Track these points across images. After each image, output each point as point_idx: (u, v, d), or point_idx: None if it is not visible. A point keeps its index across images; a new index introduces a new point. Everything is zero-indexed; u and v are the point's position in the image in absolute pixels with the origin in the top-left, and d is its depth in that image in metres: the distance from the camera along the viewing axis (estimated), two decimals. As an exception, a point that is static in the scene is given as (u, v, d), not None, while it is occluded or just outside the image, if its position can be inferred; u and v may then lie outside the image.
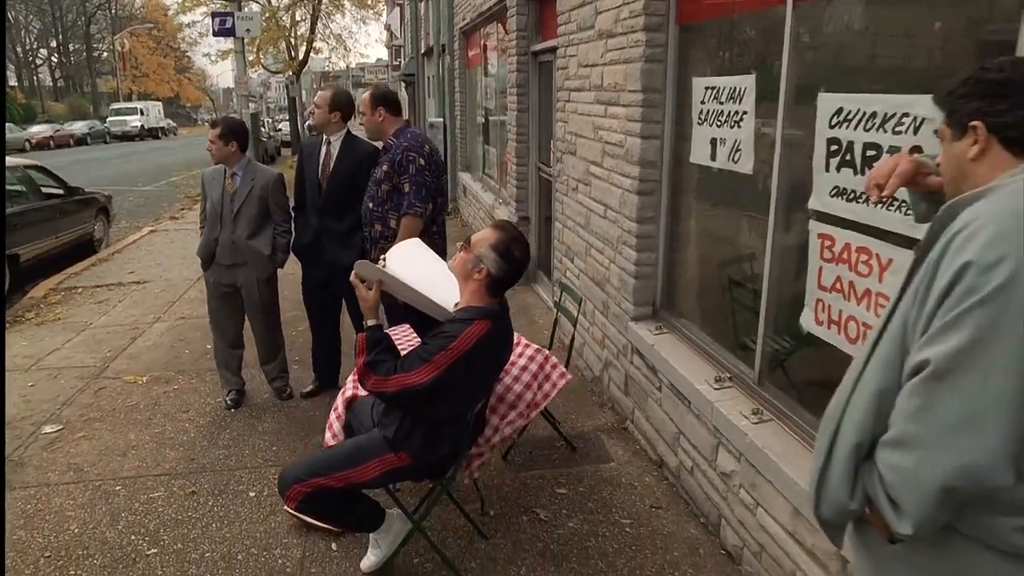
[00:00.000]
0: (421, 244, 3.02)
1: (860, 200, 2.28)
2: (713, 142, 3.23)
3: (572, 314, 3.95)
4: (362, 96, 4.04)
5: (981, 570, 1.30)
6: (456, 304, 2.59)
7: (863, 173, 2.25)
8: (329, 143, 4.22)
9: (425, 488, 3.19)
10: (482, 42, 9.60)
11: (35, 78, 56.51)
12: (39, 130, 34.51)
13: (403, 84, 28.20)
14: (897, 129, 2.11)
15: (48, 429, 4.23)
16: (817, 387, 2.72)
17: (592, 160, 4.46)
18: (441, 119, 11.83)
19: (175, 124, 54.97)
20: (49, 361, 5.41)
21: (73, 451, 3.95)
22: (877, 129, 2.19)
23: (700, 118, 3.35)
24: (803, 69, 2.64)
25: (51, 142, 33.79)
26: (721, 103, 3.14)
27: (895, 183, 1.52)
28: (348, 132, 4.27)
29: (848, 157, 2.32)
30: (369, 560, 2.84)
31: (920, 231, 1.51)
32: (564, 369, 3.36)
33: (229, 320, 4.38)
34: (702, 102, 3.31)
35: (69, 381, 4.98)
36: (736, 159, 3.05)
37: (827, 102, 2.40)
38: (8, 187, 7.91)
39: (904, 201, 2.03)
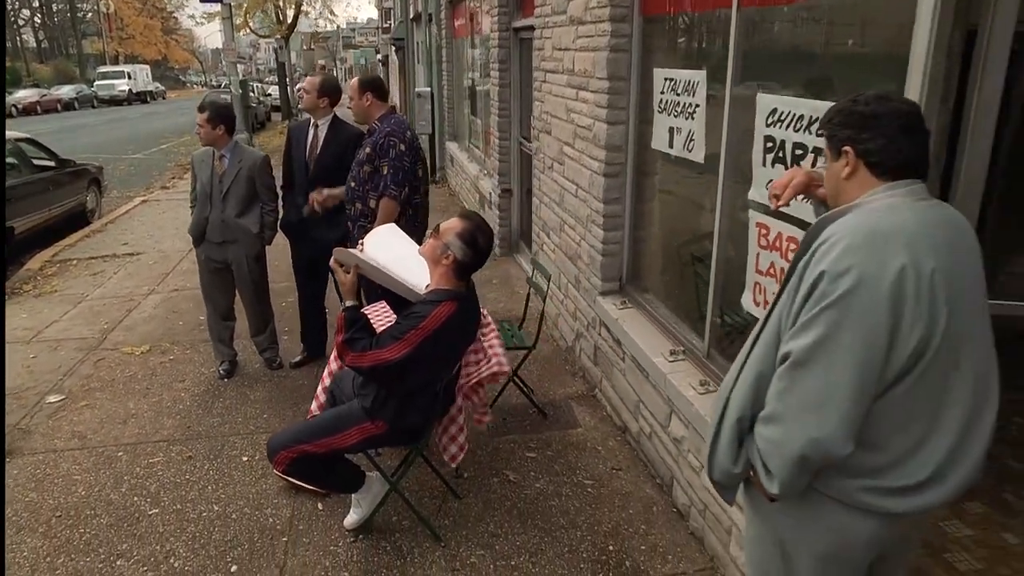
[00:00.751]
0: (396, 229, 3.25)
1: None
2: (671, 131, 3.45)
3: (543, 289, 4.19)
4: (351, 82, 4.21)
5: (836, 521, 1.58)
6: (427, 286, 2.83)
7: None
8: (317, 126, 4.41)
9: (405, 452, 3.47)
10: (468, 12, 9.68)
11: (18, 39, 55.65)
12: (25, 95, 34.19)
13: (393, 48, 27.98)
14: (820, 133, 2.33)
15: (52, 399, 4.48)
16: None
17: (565, 141, 4.66)
18: (429, 89, 11.91)
19: (163, 87, 54.36)
20: (49, 333, 5.65)
21: (76, 419, 4.22)
22: (804, 131, 2.41)
23: (660, 107, 3.56)
24: (745, 69, 2.85)
25: (38, 107, 33.53)
26: (678, 94, 3.35)
27: (789, 194, 1.76)
28: (335, 116, 4.46)
29: (781, 154, 2.55)
30: (351, 518, 3.13)
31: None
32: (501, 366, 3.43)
33: (220, 294, 4.62)
34: (661, 92, 3.52)
35: (69, 353, 5.22)
36: (690, 148, 3.28)
37: (764, 102, 2.62)
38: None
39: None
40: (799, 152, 2.45)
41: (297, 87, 28.77)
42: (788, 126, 2.49)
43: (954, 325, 1.45)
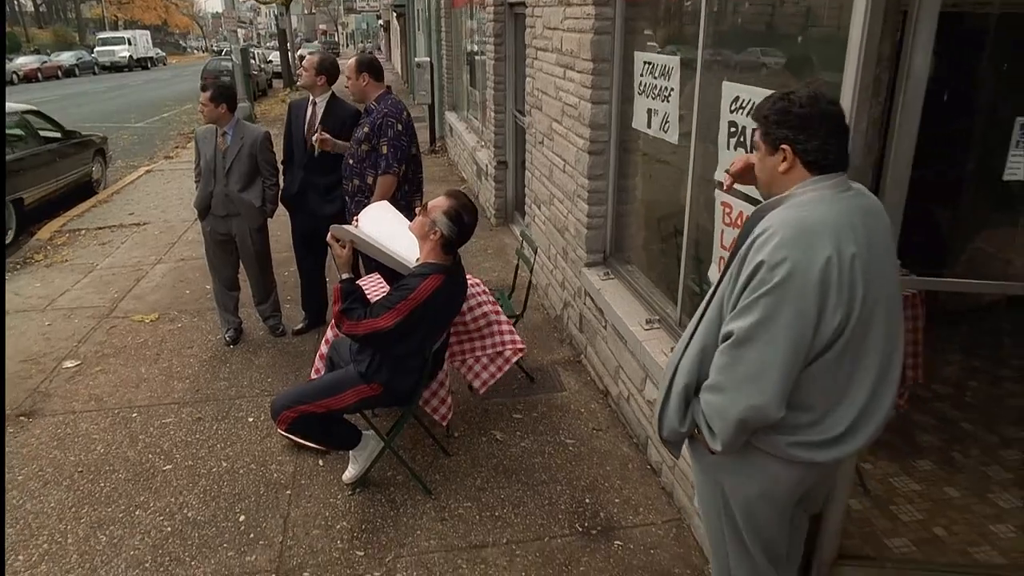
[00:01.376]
0: (389, 207, 3.47)
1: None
2: (649, 112, 3.64)
3: (530, 261, 4.41)
4: (348, 62, 4.39)
5: (768, 470, 1.84)
6: (416, 260, 3.06)
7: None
8: (315, 104, 4.60)
9: (399, 413, 3.73)
10: (466, -17, 9.73)
11: (16, 3, 55.16)
12: (26, 61, 34.11)
13: (395, 14, 27.79)
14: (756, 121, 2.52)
15: (68, 364, 4.75)
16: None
17: (554, 118, 4.84)
18: (428, 59, 12.00)
19: (164, 53, 53.98)
20: (62, 302, 5.90)
21: (92, 383, 4.48)
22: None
23: (639, 89, 3.74)
24: (714, 58, 3.03)
25: (39, 74, 33.46)
26: (655, 78, 3.53)
27: (729, 180, 1.98)
28: (333, 94, 4.64)
29: (742, 139, 2.74)
30: (349, 473, 3.40)
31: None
32: (518, 346, 3.77)
33: (225, 265, 4.85)
34: (641, 75, 3.70)
35: (82, 320, 5.48)
36: (666, 129, 3.47)
37: (728, 90, 2.81)
38: (8, 132, 8.24)
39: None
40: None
41: (298, 52, 28.48)
42: (748, 113, 2.68)
43: (868, 300, 1.68)
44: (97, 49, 42.88)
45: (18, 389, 4.42)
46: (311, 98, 4.64)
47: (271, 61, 30.89)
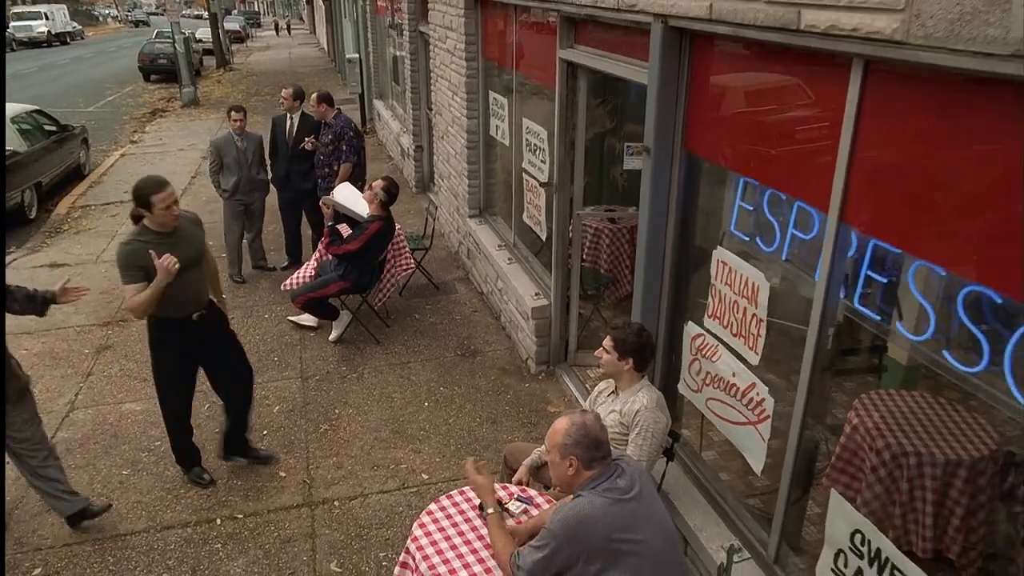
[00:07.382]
0: (351, 187, 6.14)
1: (533, 166, 5.48)
2: (496, 126, 6.38)
3: (433, 213, 7.14)
4: (312, 95, 6.95)
5: None
6: (368, 213, 5.74)
7: (534, 155, 5.44)
8: (291, 119, 7.16)
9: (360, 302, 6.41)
10: (386, -3, 12.10)
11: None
12: (-56, 41, 33.94)
13: (319, -4, 28.97)
14: (541, 137, 5.29)
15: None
16: (535, 245, 6.05)
17: (449, 123, 7.53)
18: (357, 55, 14.36)
19: (80, 27, 53.32)
20: (105, 256, 8.27)
21: (155, 302, 6.98)
22: (535, 137, 5.37)
23: (492, 111, 6.47)
24: (520, 104, 5.78)
25: (-41, 53, 33.46)
26: (498, 108, 6.26)
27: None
28: (303, 112, 7.20)
29: (529, 149, 5.51)
30: (333, 335, 6.10)
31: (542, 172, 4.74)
32: (411, 266, 6.50)
33: (239, 227, 7.37)
34: (491, 104, 6.43)
35: (127, 267, 7.89)
36: (503, 136, 6.22)
37: (525, 123, 5.56)
38: (23, 127, 10.33)
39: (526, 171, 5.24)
40: (535, 145, 5.40)
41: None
42: (531, 134, 5.45)
43: None
44: (13, 24, 42.41)
45: (109, 308, 6.89)
46: (288, 115, 7.20)
47: (200, 40, 31.23)
